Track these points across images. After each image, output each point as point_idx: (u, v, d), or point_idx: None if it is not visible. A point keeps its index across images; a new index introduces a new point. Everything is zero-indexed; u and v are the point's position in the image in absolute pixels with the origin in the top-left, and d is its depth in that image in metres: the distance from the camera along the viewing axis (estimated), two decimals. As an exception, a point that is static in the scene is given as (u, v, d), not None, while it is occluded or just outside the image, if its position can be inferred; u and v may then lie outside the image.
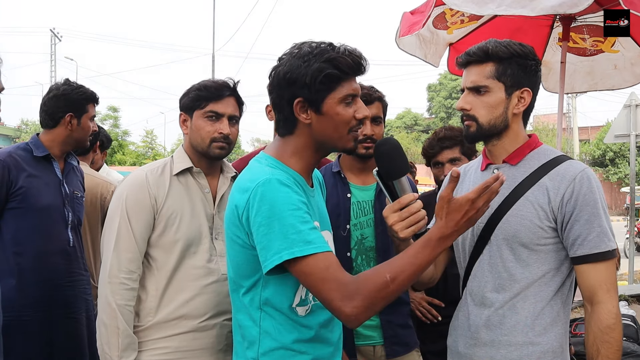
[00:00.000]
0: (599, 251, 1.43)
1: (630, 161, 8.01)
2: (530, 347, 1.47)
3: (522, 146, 1.56)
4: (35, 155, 2.39)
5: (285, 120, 1.43)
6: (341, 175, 2.20)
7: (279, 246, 1.28)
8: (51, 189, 2.38)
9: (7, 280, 2.24)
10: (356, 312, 1.24)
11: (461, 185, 1.68)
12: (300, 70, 1.36)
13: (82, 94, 2.48)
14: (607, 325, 1.42)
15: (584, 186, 1.45)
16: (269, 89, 1.45)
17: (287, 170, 1.43)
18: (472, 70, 1.54)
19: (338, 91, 1.39)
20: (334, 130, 1.41)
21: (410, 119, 40.47)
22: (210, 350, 1.83)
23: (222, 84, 1.90)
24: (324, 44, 1.39)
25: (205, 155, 1.89)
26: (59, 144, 2.46)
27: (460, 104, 1.56)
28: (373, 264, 2.13)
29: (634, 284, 7.47)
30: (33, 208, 2.32)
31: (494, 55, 1.50)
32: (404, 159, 1.37)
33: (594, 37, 3.89)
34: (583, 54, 4.08)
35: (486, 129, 1.53)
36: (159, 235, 1.82)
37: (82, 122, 2.48)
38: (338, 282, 1.26)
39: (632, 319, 3.86)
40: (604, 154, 31.22)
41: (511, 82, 1.51)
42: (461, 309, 1.63)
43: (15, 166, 2.31)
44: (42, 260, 2.33)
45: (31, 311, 2.29)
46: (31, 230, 2.32)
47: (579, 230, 1.44)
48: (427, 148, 2.55)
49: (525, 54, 1.52)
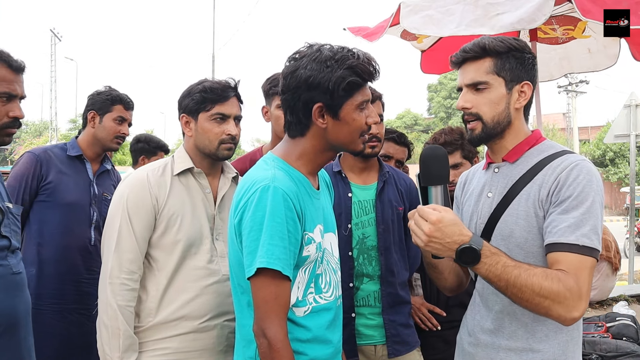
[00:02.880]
0: (565, 242, 1.32)
1: (630, 161, 8.01)
2: (530, 353, 1.43)
3: (521, 143, 1.52)
4: (69, 155, 2.55)
5: (298, 123, 1.44)
6: (342, 174, 2.21)
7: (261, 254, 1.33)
8: (80, 188, 2.52)
9: (28, 269, 2.35)
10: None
11: (469, 186, 1.68)
12: (323, 75, 1.37)
13: (108, 94, 2.62)
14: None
15: (571, 176, 1.38)
16: (283, 89, 1.44)
17: (293, 172, 1.44)
18: (470, 67, 1.50)
19: (355, 97, 1.41)
20: (348, 134, 1.44)
21: (410, 119, 40.46)
22: (211, 351, 1.83)
23: (226, 85, 1.89)
24: (343, 49, 1.40)
25: (212, 156, 1.89)
26: (90, 145, 2.63)
27: (460, 103, 1.52)
28: (375, 263, 2.13)
29: (634, 284, 7.47)
30: (59, 203, 2.46)
31: (492, 50, 1.47)
32: (441, 170, 1.38)
33: (563, 26, 3.95)
34: (555, 42, 4.15)
35: (491, 127, 1.49)
36: (160, 235, 1.81)
37: (105, 121, 2.61)
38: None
39: (632, 319, 3.86)
40: (604, 154, 31.21)
41: (511, 76, 1.48)
42: (470, 308, 1.63)
43: (47, 161, 2.48)
44: (62, 255, 2.44)
45: (47, 301, 2.41)
46: (55, 224, 2.45)
47: (552, 217, 1.37)
48: None
49: (522, 48, 1.50)
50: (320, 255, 1.47)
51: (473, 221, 1.58)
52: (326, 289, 1.50)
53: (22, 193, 2.43)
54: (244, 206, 1.38)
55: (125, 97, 2.67)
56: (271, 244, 1.32)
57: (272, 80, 2.36)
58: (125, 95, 2.67)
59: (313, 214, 1.46)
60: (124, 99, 2.65)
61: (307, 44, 1.44)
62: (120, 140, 2.67)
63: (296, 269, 1.40)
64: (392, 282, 2.13)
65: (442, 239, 1.31)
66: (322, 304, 1.48)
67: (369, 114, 1.45)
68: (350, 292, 2.10)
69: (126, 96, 2.68)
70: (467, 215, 1.62)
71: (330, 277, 1.52)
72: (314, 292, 1.47)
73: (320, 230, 1.48)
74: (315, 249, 1.44)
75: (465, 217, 1.63)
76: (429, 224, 1.31)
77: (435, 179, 1.38)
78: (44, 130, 43.46)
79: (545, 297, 1.28)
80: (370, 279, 2.13)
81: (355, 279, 2.12)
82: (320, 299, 1.48)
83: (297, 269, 1.41)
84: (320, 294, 1.48)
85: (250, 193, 1.36)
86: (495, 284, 1.33)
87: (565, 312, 1.30)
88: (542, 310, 1.31)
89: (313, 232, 1.45)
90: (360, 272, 2.13)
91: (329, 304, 1.50)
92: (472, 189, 1.64)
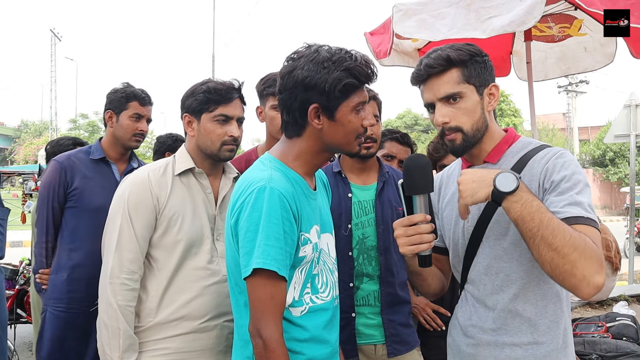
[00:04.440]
0: (571, 215, 1.30)
1: (630, 161, 8.01)
2: (535, 346, 1.45)
3: (500, 143, 1.53)
4: (93, 158, 2.56)
5: (295, 123, 1.44)
6: (342, 175, 2.21)
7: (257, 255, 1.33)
8: (106, 191, 2.45)
9: (61, 274, 2.47)
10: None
11: (446, 190, 1.67)
12: (320, 76, 1.37)
13: (123, 92, 2.59)
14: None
15: (559, 163, 1.40)
16: (280, 89, 1.45)
17: (290, 173, 1.45)
18: (438, 81, 1.46)
19: (351, 99, 1.41)
20: (343, 136, 1.44)
21: (410, 119, 40.46)
22: (211, 351, 1.83)
23: (230, 87, 1.88)
24: (341, 51, 1.41)
25: (213, 157, 1.88)
26: (111, 145, 2.63)
27: (439, 119, 1.47)
28: (374, 263, 2.14)
29: (634, 284, 7.47)
30: (87, 208, 2.50)
31: (457, 60, 1.44)
32: (425, 179, 1.37)
33: (559, 24, 3.96)
34: (551, 40, 4.16)
35: (471, 136, 1.48)
36: (161, 235, 1.81)
37: (121, 119, 2.59)
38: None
39: (632, 319, 3.86)
40: (604, 154, 31.23)
41: (479, 81, 1.48)
42: (461, 309, 1.62)
43: (72, 168, 2.52)
44: (92, 259, 2.42)
45: (78, 305, 2.48)
46: (85, 229, 2.49)
47: (551, 199, 1.37)
48: (433, 152, 2.55)
49: (480, 52, 1.50)
50: (317, 255, 1.48)
51: (459, 226, 1.57)
52: (323, 289, 1.50)
53: (52, 201, 2.51)
54: (240, 207, 1.38)
55: (140, 92, 2.61)
56: (267, 245, 1.32)
57: (266, 80, 2.36)
58: (140, 90, 2.62)
59: (309, 215, 1.46)
60: (139, 95, 2.59)
61: (306, 44, 1.45)
62: (140, 138, 2.63)
63: (292, 269, 1.41)
64: (391, 282, 2.13)
65: (471, 180, 1.32)
66: (319, 304, 1.48)
67: (365, 116, 1.45)
68: (351, 292, 2.10)
69: (141, 91, 2.62)
70: (450, 220, 1.61)
71: (327, 277, 1.53)
72: (310, 292, 1.47)
73: (316, 231, 1.48)
74: (312, 249, 1.45)
75: (447, 223, 1.62)
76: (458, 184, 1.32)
77: (419, 188, 1.37)
78: (44, 130, 43.48)
79: (575, 247, 1.22)
80: (370, 278, 2.13)
81: (355, 279, 2.12)
82: (317, 299, 1.48)
83: (293, 269, 1.41)
84: (317, 294, 1.48)
85: (247, 194, 1.37)
86: (526, 223, 1.25)
87: (591, 272, 1.22)
88: (568, 266, 1.22)
89: (309, 232, 1.45)
90: (360, 272, 2.13)
91: (325, 304, 1.50)
92: (452, 193, 1.63)
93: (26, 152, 37.64)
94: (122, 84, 2.65)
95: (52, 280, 2.53)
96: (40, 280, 2.60)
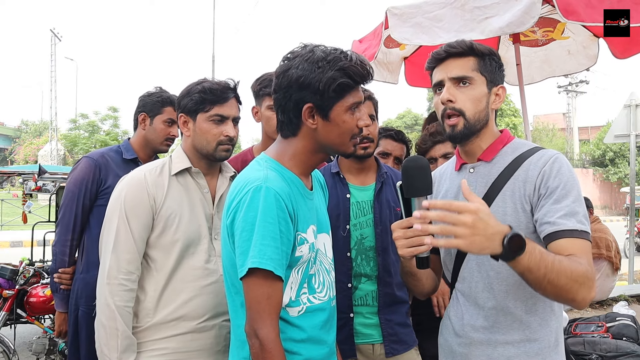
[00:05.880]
0: (567, 228, 1.35)
1: (630, 161, 8.01)
2: (527, 344, 1.47)
3: (495, 142, 1.56)
4: (125, 158, 2.57)
5: (290, 123, 1.45)
6: (340, 176, 2.21)
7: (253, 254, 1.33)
8: None
9: (94, 272, 2.41)
10: None
11: (439, 188, 1.68)
12: (314, 76, 1.37)
13: (159, 96, 2.61)
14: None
15: (554, 169, 1.42)
16: (275, 88, 1.45)
17: (286, 173, 1.44)
18: (454, 63, 1.51)
19: (346, 99, 1.41)
20: (338, 136, 1.44)
21: (410, 119, 40.49)
22: (209, 351, 1.83)
23: (226, 86, 1.89)
24: (336, 51, 1.41)
25: (209, 157, 1.89)
26: (141, 147, 2.65)
27: (445, 96, 1.50)
28: (372, 263, 2.13)
29: (634, 284, 7.47)
30: None
31: (477, 50, 1.51)
32: (425, 181, 1.36)
33: (542, 28, 3.99)
34: (535, 44, 4.22)
35: (472, 124, 1.51)
36: (158, 235, 1.81)
37: (155, 123, 2.62)
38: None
39: (632, 319, 3.86)
40: (604, 154, 31.24)
41: (491, 77, 1.53)
42: (452, 308, 1.63)
43: (106, 166, 2.53)
44: None
45: None
46: None
47: (546, 208, 1.39)
48: (420, 143, 2.55)
49: (496, 54, 1.55)
50: (314, 255, 1.47)
51: None
52: (320, 289, 1.50)
53: (83, 198, 2.49)
54: (236, 206, 1.38)
55: (171, 95, 2.64)
56: (263, 244, 1.31)
57: (262, 80, 2.36)
58: (175, 96, 2.62)
59: (306, 215, 1.46)
60: (174, 100, 2.60)
61: (302, 44, 1.45)
62: (170, 142, 2.67)
63: (289, 269, 1.40)
64: (389, 282, 2.13)
65: (485, 230, 1.19)
66: (316, 304, 1.48)
67: (360, 117, 1.45)
68: (349, 292, 2.10)
69: (176, 97, 2.65)
70: None
71: (324, 277, 1.53)
72: (307, 292, 1.47)
73: (313, 231, 1.48)
74: (308, 249, 1.44)
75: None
76: (469, 214, 1.18)
77: (419, 190, 1.36)
78: (44, 130, 43.51)
79: (575, 280, 1.28)
80: (368, 278, 2.13)
81: (353, 279, 2.12)
82: (314, 299, 1.48)
83: (289, 269, 1.41)
84: (314, 294, 1.48)
85: (243, 193, 1.36)
86: (533, 273, 1.25)
87: (587, 294, 1.29)
88: (569, 295, 1.28)
89: (306, 232, 1.45)
90: (359, 272, 2.13)
91: (323, 304, 1.50)
92: (445, 191, 1.64)
93: (26, 152, 37.68)
94: (155, 88, 2.67)
95: (84, 279, 2.48)
96: (59, 280, 2.56)
